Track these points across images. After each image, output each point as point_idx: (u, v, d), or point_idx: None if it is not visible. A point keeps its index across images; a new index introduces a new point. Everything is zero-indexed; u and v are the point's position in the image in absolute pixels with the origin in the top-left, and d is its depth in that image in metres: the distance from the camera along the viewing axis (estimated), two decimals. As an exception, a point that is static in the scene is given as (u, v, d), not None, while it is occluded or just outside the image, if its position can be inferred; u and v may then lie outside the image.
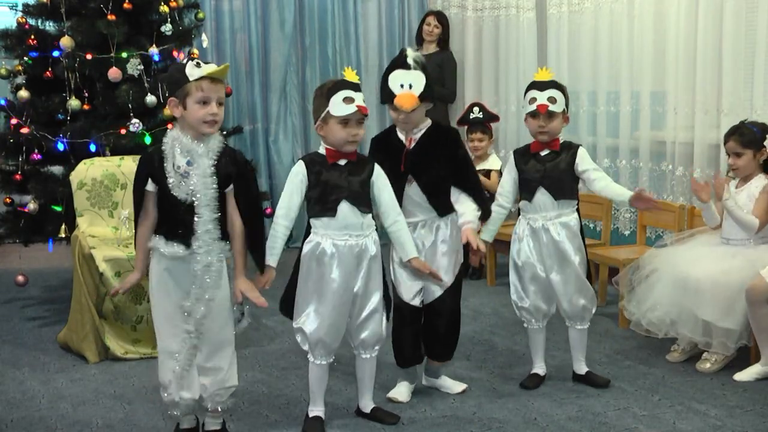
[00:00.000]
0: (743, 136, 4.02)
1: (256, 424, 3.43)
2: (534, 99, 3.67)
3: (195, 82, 2.94)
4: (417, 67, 3.42)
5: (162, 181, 3.00)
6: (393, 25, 7.14)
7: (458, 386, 3.79)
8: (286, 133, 6.95)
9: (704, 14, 4.86)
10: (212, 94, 2.96)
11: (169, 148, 3.01)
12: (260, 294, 3.10)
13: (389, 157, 3.48)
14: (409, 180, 3.52)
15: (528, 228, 3.74)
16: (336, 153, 3.24)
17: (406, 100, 3.38)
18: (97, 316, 4.19)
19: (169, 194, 2.99)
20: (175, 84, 3.00)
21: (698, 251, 4.11)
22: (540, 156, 3.72)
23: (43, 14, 5.14)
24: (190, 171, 2.97)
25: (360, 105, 3.17)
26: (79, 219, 4.55)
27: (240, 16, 6.79)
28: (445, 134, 3.62)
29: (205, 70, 2.96)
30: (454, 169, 3.55)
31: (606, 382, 3.82)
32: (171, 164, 2.99)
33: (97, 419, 3.53)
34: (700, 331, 3.89)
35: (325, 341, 3.26)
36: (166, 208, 3.04)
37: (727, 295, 3.82)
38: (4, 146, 4.97)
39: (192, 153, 2.98)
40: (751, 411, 3.52)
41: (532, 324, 3.83)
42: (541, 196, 3.70)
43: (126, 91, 4.94)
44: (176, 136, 3.01)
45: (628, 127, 5.53)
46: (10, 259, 5.76)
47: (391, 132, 3.62)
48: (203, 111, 2.96)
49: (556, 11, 5.96)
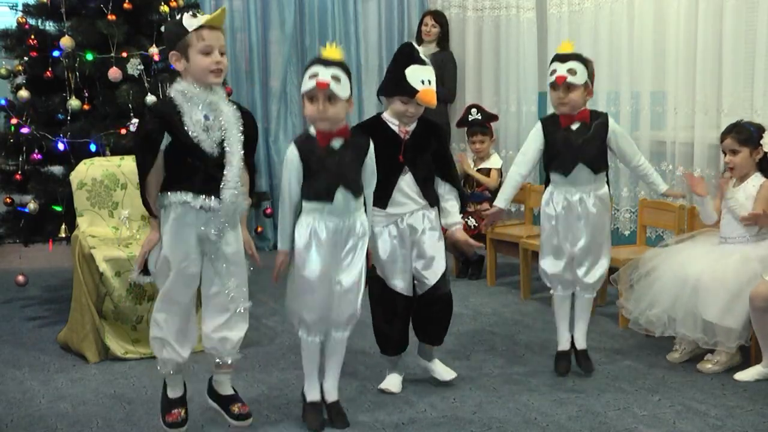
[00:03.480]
0: (740, 134, 4.03)
1: (256, 424, 3.43)
2: (554, 71, 3.70)
3: (195, 31, 2.92)
4: (429, 63, 3.51)
5: (184, 136, 2.94)
6: (393, 25, 7.14)
7: (448, 374, 3.82)
8: (286, 133, 6.95)
9: (704, 14, 4.85)
10: (214, 42, 2.95)
11: (183, 102, 2.96)
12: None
13: (385, 147, 3.50)
14: (404, 171, 3.56)
15: (564, 201, 3.80)
16: (325, 133, 3.23)
17: (432, 97, 3.43)
18: (97, 316, 4.19)
19: (193, 148, 2.94)
20: (174, 37, 2.97)
21: (697, 250, 4.12)
22: (572, 130, 3.76)
23: (43, 14, 5.14)
24: (209, 124, 2.95)
25: (319, 80, 3.12)
26: (79, 219, 4.55)
27: (240, 16, 6.79)
28: (435, 127, 3.69)
29: (202, 19, 2.93)
30: (441, 162, 3.65)
31: (590, 370, 3.90)
32: (189, 118, 2.95)
33: (97, 419, 3.53)
34: (699, 329, 3.90)
35: (316, 319, 3.30)
36: (188, 163, 2.98)
37: (727, 294, 3.82)
38: (4, 146, 4.97)
39: (211, 103, 2.96)
40: (751, 411, 3.52)
41: (558, 291, 3.92)
42: (579, 171, 3.76)
43: (126, 91, 4.94)
44: (185, 89, 2.97)
45: (628, 127, 5.50)
46: (10, 259, 5.76)
47: (380, 122, 3.61)
48: (208, 60, 2.94)
49: (556, 11, 5.96)
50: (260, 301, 4.82)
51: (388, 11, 7.11)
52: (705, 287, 3.85)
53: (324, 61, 3.19)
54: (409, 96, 3.46)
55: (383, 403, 3.63)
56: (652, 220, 5.02)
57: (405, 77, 3.45)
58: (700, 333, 3.90)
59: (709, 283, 3.85)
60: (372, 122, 3.68)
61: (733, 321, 3.82)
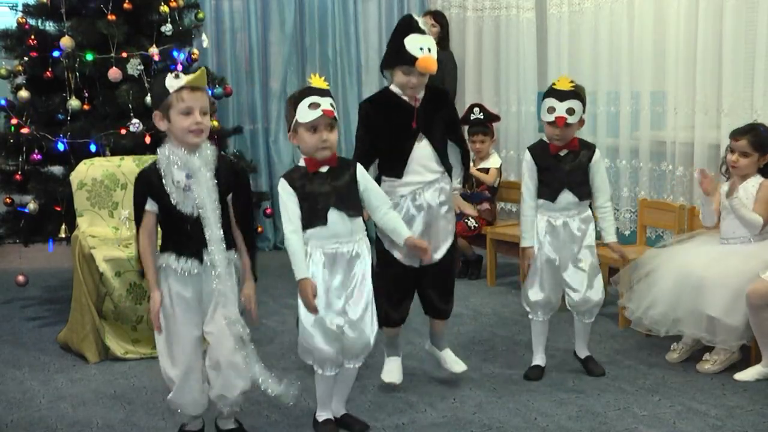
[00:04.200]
0: (757, 138, 4.01)
1: (256, 424, 3.43)
2: (553, 109, 3.70)
3: (176, 93, 2.94)
4: (428, 33, 3.54)
5: (164, 199, 2.99)
6: (393, 25, 7.06)
7: (458, 365, 3.82)
8: (286, 133, 6.93)
9: (704, 14, 4.85)
10: (193, 104, 2.95)
11: (165, 165, 2.99)
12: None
13: (398, 115, 3.54)
14: (420, 138, 3.57)
15: (547, 225, 3.80)
16: (315, 161, 3.21)
17: (431, 63, 3.45)
18: (97, 316, 4.19)
19: (174, 211, 2.99)
20: (157, 98, 3.01)
21: (698, 249, 4.12)
22: (560, 157, 3.78)
23: (43, 14, 5.15)
24: (190, 184, 2.97)
25: (325, 109, 3.13)
26: (79, 219, 4.56)
27: (240, 16, 6.79)
28: (443, 94, 3.76)
29: (184, 80, 2.95)
30: (452, 126, 3.71)
31: (601, 372, 3.91)
32: (170, 180, 2.98)
33: (97, 419, 3.53)
34: (703, 327, 3.89)
35: (330, 353, 3.21)
36: (172, 225, 3.03)
37: (730, 292, 3.81)
38: (4, 146, 4.98)
39: (189, 166, 2.97)
40: (751, 411, 3.52)
41: (538, 316, 3.91)
42: (565, 197, 3.77)
43: (126, 91, 4.94)
44: (169, 151, 3.00)
45: (628, 127, 5.52)
46: (10, 259, 5.76)
47: (389, 93, 3.62)
48: (187, 121, 2.95)
49: (556, 11, 5.96)
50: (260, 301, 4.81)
51: (388, 11, 7.11)
52: (708, 284, 3.85)
53: (319, 91, 3.18)
54: (408, 64, 3.47)
55: (383, 404, 3.63)
56: (652, 220, 5.02)
57: (404, 46, 3.48)
58: (703, 331, 3.90)
59: (713, 279, 3.84)
60: (381, 94, 3.70)
61: (737, 319, 3.82)
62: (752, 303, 3.75)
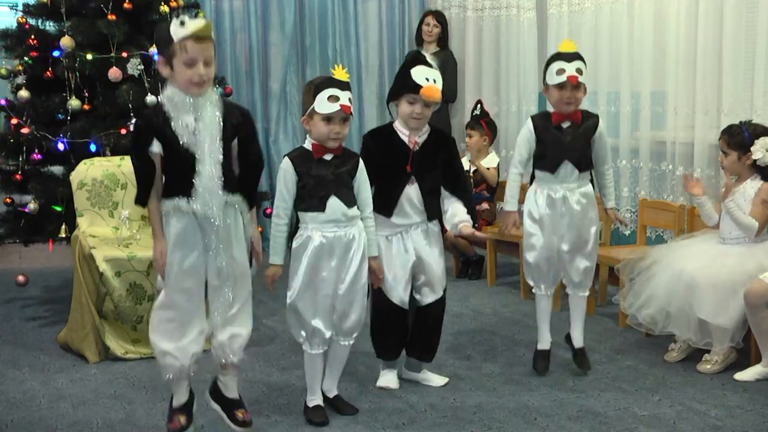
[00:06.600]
0: (732, 137, 4.03)
1: (256, 424, 3.42)
2: (562, 70, 3.70)
3: (180, 42, 2.86)
4: (436, 67, 3.55)
5: (173, 141, 2.92)
6: (393, 25, 7.14)
7: (440, 379, 3.83)
8: (286, 133, 6.95)
9: (704, 14, 4.85)
10: (197, 55, 2.87)
11: (172, 108, 2.94)
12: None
13: (394, 156, 3.58)
14: (411, 181, 3.58)
15: (547, 198, 3.80)
16: (321, 148, 3.29)
17: (434, 91, 3.47)
18: (97, 316, 4.19)
19: (182, 151, 2.92)
20: (161, 43, 2.94)
21: (696, 247, 4.13)
22: (562, 128, 3.78)
23: (43, 14, 5.15)
24: (198, 126, 2.92)
25: (343, 104, 3.21)
26: (80, 219, 4.55)
27: (240, 16, 6.79)
28: (445, 139, 3.72)
29: (189, 29, 2.86)
30: (451, 175, 3.67)
31: (588, 368, 3.91)
32: (179, 123, 2.92)
33: (97, 419, 3.53)
34: (694, 329, 3.90)
35: (320, 330, 3.33)
36: (176, 169, 2.96)
37: (722, 293, 3.82)
38: (4, 146, 4.97)
39: (195, 106, 2.92)
40: (751, 411, 3.52)
41: (542, 290, 3.91)
42: (565, 169, 3.76)
43: (126, 91, 4.94)
44: (172, 95, 2.94)
45: (629, 127, 5.53)
46: (10, 259, 5.75)
47: (391, 131, 3.64)
48: (190, 72, 2.88)
49: (556, 11, 5.96)
50: (260, 301, 4.81)
51: (388, 11, 7.11)
52: (699, 285, 3.85)
53: (340, 84, 3.24)
54: (413, 92, 3.49)
55: (383, 404, 3.63)
56: (652, 220, 5.02)
57: (410, 75, 3.51)
58: (692, 332, 3.90)
59: (704, 281, 3.85)
60: (384, 129, 3.73)
61: (726, 320, 3.82)
62: (750, 303, 3.75)
